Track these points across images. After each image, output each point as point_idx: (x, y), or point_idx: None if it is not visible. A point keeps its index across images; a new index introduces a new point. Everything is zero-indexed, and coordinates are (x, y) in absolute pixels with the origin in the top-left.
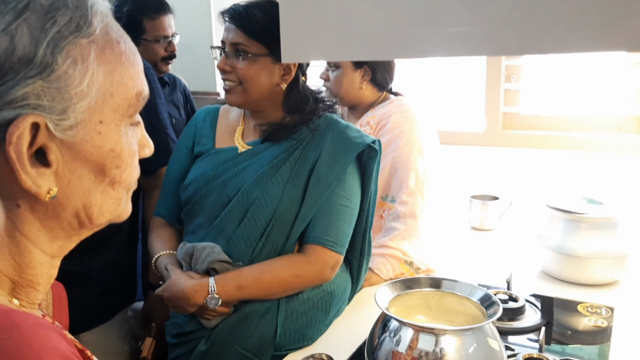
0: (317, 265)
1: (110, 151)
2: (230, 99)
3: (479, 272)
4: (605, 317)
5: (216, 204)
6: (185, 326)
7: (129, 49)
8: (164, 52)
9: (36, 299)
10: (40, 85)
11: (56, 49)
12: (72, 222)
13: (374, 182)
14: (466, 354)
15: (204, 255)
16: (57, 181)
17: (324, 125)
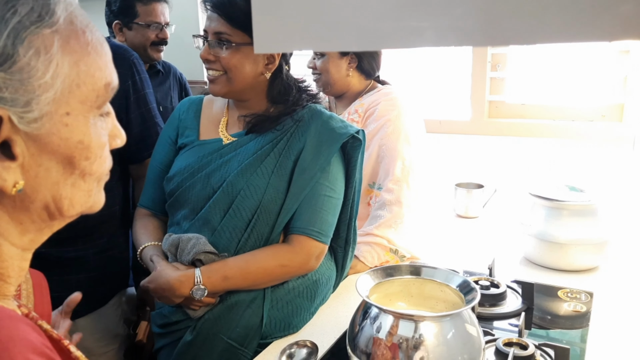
0: (302, 255)
1: (78, 143)
2: (214, 89)
3: (463, 259)
4: (585, 302)
5: (201, 196)
6: (171, 316)
7: (96, 39)
8: (154, 38)
9: (8, 292)
10: (2, 77)
11: (17, 40)
12: (41, 215)
13: (359, 171)
14: (445, 339)
15: (189, 247)
16: (23, 174)
17: (307, 116)
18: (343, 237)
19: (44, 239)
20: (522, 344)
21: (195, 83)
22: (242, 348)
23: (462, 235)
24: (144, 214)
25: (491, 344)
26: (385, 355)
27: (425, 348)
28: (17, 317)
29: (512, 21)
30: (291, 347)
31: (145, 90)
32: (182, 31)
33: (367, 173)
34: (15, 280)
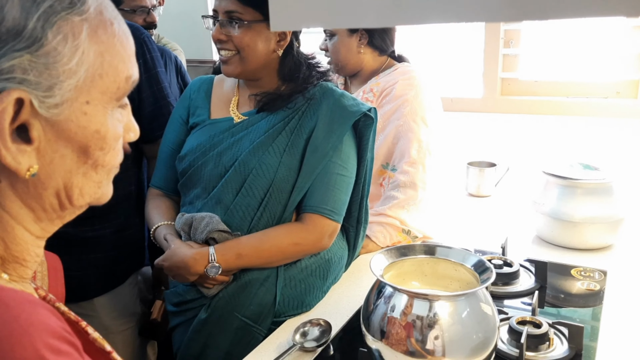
0: (315, 233)
1: (95, 132)
2: (227, 69)
3: (475, 238)
4: (598, 280)
5: (213, 175)
6: (186, 295)
7: (122, 32)
8: (142, 23)
9: (25, 274)
10: (28, 60)
11: (47, 24)
12: (52, 203)
13: (370, 150)
14: (459, 318)
15: (202, 225)
16: (38, 159)
17: (319, 94)
18: (355, 216)
19: (55, 230)
20: (535, 322)
21: (204, 62)
22: (256, 325)
23: (474, 214)
24: (156, 194)
25: (505, 322)
26: (400, 334)
27: (440, 327)
28: (36, 302)
29: None
30: (305, 326)
31: (157, 69)
32: (191, 10)
33: (382, 154)
34: (31, 264)
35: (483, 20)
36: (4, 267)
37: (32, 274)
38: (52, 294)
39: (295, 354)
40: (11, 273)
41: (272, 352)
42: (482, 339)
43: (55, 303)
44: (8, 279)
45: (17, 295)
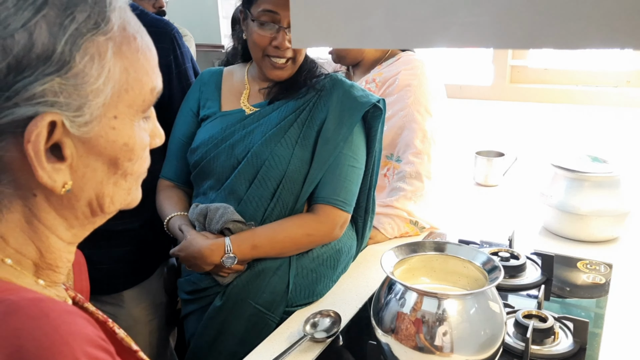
0: (327, 224)
1: (123, 145)
2: (282, 75)
3: (482, 228)
4: (604, 273)
5: (225, 166)
6: (200, 283)
7: (145, 44)
8: (152, 9)
9: (58, 280)
10: (58, 83)
11: (74, 46)
12: (85, 212)
13: (379, 141)
14: (468, 316)
15: (217, 216)
16: (71, 174)
17: (329, 85)
18: (363, 206)
19: (86, 234)
20: (541, 316)
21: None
22: (269, 313)
23: (482, 204)
24: (167, 185)
25: (511, 316)
26: (410, 330)
27: (449, 324)
28: (74, 312)
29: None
30: (315, 317)
31: (186, 64)
32: None
33: (386, 144)
34: (63, 270)
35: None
36: (38, 274)
37: (63, 278)
38: (77, 289)
39: (305, 345)
40: (45, 279)
41: (283, 342)
42: (489, 335)
43: (84, 304)
44: (44, 284)
45: (57, 306)
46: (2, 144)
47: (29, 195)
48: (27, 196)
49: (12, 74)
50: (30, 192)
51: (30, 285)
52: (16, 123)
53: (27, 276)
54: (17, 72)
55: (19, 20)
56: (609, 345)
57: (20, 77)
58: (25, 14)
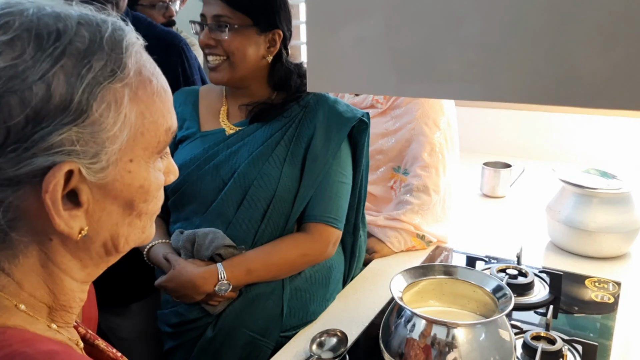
0: (321, 243)
1: (139, 188)
2: (216, 77)
3: (490, 242)
4: (612, 292)
5: (211, 188)
6: (188, 314)
7: (160, 86)
8: (162, 19)
9: (71, 320)
10: (75, 132)
11: (91, 95)
12: (99, 252)
13: (366, 155)
14: (477, 343)
15: (207, 241)
16: (87, 219)
17: (313, 102)
18: (352, 222)
19: (100, 273)
20: (550, 338)
21: None
22: (264, 339)
23: (489, 216)
24: None
25: (519, 337)
26: (419, 356)
27: (458, 351)
28: None
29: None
30: (321, 336)
31: (194, 76)
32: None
33: (393, 156)
34: (76, 310)
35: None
36: (51, 316)
37: (75, 318)
38: (85, 317)
39: None
40: (58, 320)
41: None
42: None
43: (95, 341)
44: (57, 328)
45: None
46: (20, 193)
47: (45, 240)
48: (44, 241)
49: (30, 125)
50: (47, 237)
51: (44, 331)
52: (34, 173)
53: (40, 321)
54: (35, 123)
55: (37, 73)
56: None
57: (38, 128)
58: (43, 65)
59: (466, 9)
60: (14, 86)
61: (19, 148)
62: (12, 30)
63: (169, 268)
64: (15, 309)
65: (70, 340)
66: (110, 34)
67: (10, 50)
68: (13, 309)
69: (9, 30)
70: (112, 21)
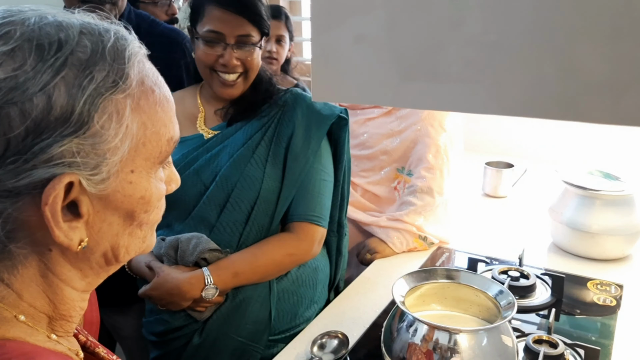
0: (306, 241)
1: (140, 199)
2: (233, 92)
3: (491, 243)
4: (614, 295)
5: (192, 194)
6: (174, 322)
7: (163, 95)
8: (164, 16)
9: (71, 329)
10: (76, 143)
11: (92, 107)
12: (100, 262)
13: (347, 151)
14: (480, 349)
15: (191, 247)
16: (87, 230)
17: (291, 100)
18: (335, 220)
19: (100, 282)
20: (552, 341)
21: None
22: (253, 344)
23: (490, 216)
24: None
25: (521, 340)
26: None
27: (460, 356)
28: None
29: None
30: (322, 338)
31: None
32: None
33: (398, 157)
34: (76, 319)
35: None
36: (51, 326)
37: (75, 327)
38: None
39: None
40: (58, 330)
41: None
42: None
43: (95, 349)
44: (56, 338)
45: None
46: (19, 205)
47: (45, 251)
48: (43, 252)
49: (31, 137)
50: (46, 248)
51: (44, 343)
52: (34, 185)
53: (40, 332)
54: (35, 134)
55: (38, 84)
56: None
57: (39, 140)
58: (44, 77)
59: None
60: (14, 97)
61: (18, 160)
62: (13, 40)
63: (152, 276)
64: (15, 320)
65: (70, 350)
66: (112, 43)
67: (11, 61)
68: (13, 320)
69: (9, 41)
70: (114, 30)
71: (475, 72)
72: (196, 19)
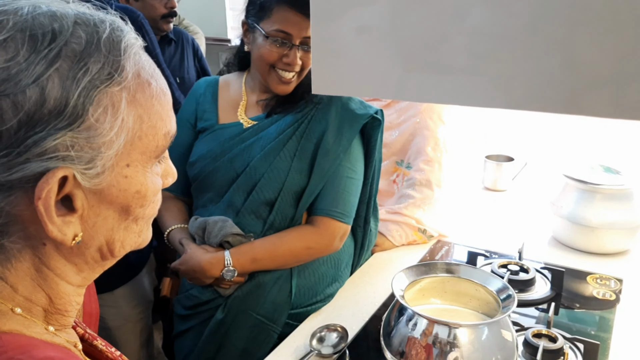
0: (326, 236)
1: (135, 193)
2: (287, 89)
3: (491, 236)
4: (614, 289)
5: (224, 180)
6: (201, 296)
7: (159, 88)
8: (163, 9)
9: (68, 323)
10: (70, 137)
11: (87, 100)
12: (95, 257)
13: (378, 151)
14: (480, 343)
15: (216, 229)
16: (82, 224)
17: (327, 98)
18: (362, 216)
19: (96, 276)
20: (551, 335)
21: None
22: (271, 323)
23: (490, 210)
24: (166, 196)
25: (520, 334)
26: (420, 355)
27: (460, 350)
28: None
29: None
30: (321, 331)
31: (157, 50)
32: None
33: (396, 150)
34: (72, 313)
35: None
36: (48, 319)
37: (72, 321)
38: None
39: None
40: (54, 324)
41: (289, 356)
42: None
43: (94, 341)
44: (54, 330)
45: None
46: (12, 199)
47: (39, 245)
48: (37, 246)
49: (23, 130)
50: (40, 242)
51: (41, 335)
52: (26, 178)
53: (37, 324)
54: (28, 127)
55: (31, 76)
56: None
57: (32, 133)
58: (37, 68)
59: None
60: (7, 89)
61: (11, 153)
62: (5, 30)
63: (182, 252)
64: (11, 313)
65: (68, 342)
66: (108, 34)
67: (3, 52)
68: (9, 313)
69: (2, 31)
70: (110, 21)
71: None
72: (262, 16)
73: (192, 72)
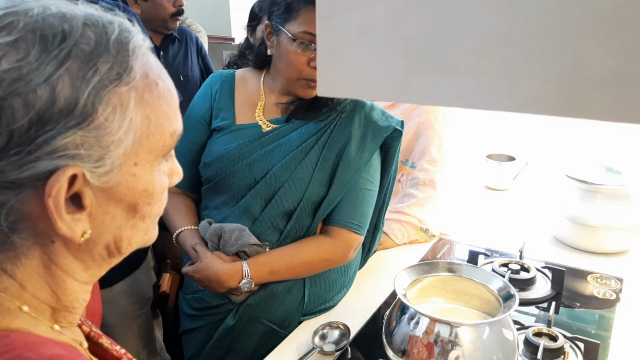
0: (343, 248)
1: (143, 191)
2: (313, 93)
3: (492, 235)
4: (614, 288)
5: (242, 184)
6: (212, 301)
7: (166, 89)
8: (172, 8)
9: (74, 320)
10: (80, 135)
11: (96, 99)
12: (102, 254)
13: (396, 160)
14: (481, 342)
15: (233, 239)
16: (90, 222)
17: (350, 107)
18: (373, 222)
19: (102, 274)
20: (551, 334)
21: (222, 39)
22: (282, 330)
23: (491, 209)
24: (172, 191)
25: (521, 333)
26: (421, 353)
27: (461, 349)
28: None
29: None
30: (324, 328)
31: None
32: None
33: (401, 150)
34: (79, 310)
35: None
36: (54, 316)
37: (78, 318)
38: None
39: (314, 357)
40: (61, 321)
41: (292, 354)
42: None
43: (99, 339)
44: (59, 328)
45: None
46: (22, 196)
47: (47, 243)
48: (45, 243)
49: (34, 129)
50: (49, 240)
51: (47, 333)
52: (37, 176)
53: (43, 323)
54: (38, 126)
55: (42, 75)
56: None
57: (42, 132)
58: (47, 68)
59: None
60: (18, 89)
61: (22, 151)
62: (16, 31)
63: (197, 258)
64: (19, 311)
65: (74, 340)
66: (117, 35)
67: (14, 52)
68: (16, 310)
69: (13, 31)
70: (118, 22)
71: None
72: (288, 17)
73: (196, 70)
